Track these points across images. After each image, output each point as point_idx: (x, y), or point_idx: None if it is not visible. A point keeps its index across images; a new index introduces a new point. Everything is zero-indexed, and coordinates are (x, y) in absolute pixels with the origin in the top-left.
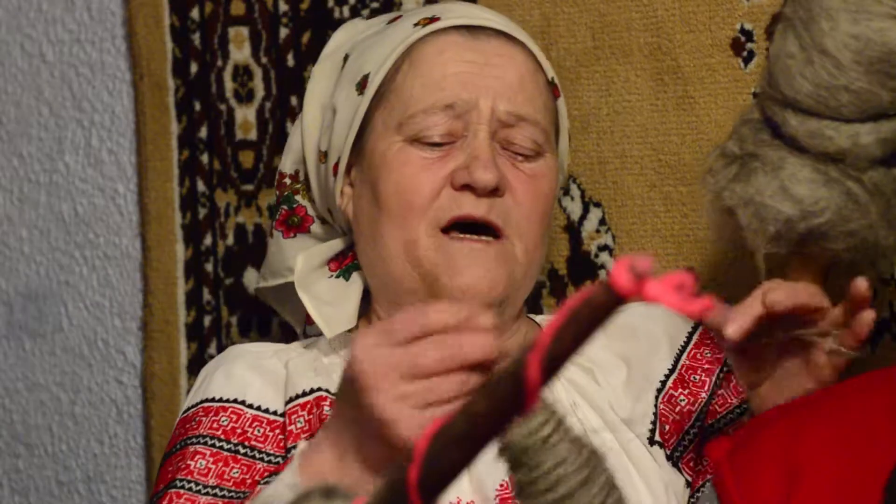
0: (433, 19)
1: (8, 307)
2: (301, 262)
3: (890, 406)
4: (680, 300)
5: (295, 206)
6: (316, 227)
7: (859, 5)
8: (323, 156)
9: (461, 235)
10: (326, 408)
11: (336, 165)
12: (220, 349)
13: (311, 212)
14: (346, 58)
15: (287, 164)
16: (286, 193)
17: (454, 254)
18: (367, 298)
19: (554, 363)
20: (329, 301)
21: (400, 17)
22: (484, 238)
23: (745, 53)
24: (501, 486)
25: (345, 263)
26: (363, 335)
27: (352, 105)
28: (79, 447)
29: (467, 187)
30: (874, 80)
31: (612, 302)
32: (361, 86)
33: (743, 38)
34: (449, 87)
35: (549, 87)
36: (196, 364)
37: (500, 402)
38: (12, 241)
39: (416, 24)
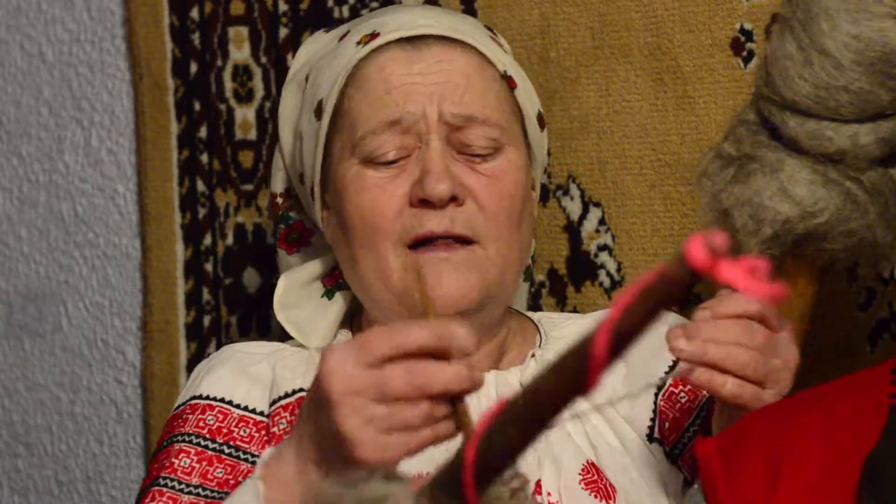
0: (373, 35)
1: (8, 307)
2: (281, 284)
3: (876, 404)
4: (752, 282)
5: (292, 222)
6: (317, 238)
7: (859, 5)
8: (300, 178)
9: (426, 248)
10: None
11: (312, 191)
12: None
13: (308, 224)
14: (307, 79)
15: (277, 183)
16: (280, 212)
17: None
18: (351, 310)
19: (622, 339)
20: (308, 322)
21: (348, 32)
22: (452, 244)
23: (745, 53)
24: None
25: (333, 280)
26: (333, 350)
27: (313, 131)
28: (78, 447)
29: (425, 202)
30: (874, 81)
31: (685, 278)
32: (318, 112)
33: (743, 38)
34: (393, 102)
35: (503, 79)
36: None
37: (564, 379)
38: (12, 241)
39: (357, 43)
